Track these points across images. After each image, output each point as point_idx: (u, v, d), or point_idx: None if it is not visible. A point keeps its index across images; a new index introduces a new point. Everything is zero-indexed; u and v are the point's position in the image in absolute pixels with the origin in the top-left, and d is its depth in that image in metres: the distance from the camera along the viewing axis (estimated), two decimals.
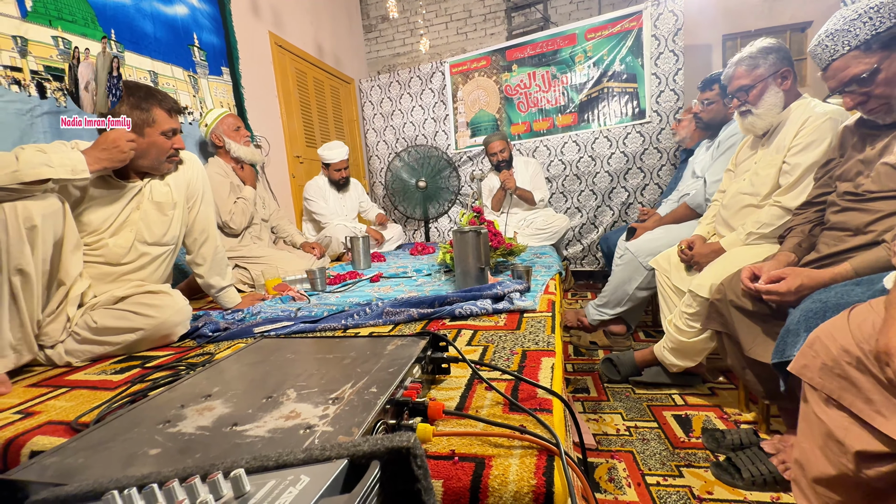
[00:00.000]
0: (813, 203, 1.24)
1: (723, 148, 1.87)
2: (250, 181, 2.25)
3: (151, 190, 1.34)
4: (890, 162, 0.99)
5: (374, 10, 4.74)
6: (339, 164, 2.82)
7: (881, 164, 1.01)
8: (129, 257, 1.30)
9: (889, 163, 0.99)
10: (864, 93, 0.98)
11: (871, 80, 0.95)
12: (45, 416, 0.83)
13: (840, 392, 0.74)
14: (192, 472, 0.34)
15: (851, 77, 0.98)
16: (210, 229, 1.49)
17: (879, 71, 0.94)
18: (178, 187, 1.40)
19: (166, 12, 2.24)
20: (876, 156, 1.03)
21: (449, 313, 1.24)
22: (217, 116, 2.19)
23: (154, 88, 1.31)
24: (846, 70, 0.98)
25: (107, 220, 1.26)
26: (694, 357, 1.47)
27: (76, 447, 0.54)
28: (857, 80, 0.97)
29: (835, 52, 0.99)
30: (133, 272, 1.31)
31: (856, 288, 0.88)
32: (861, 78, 0.96)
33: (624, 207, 3.27)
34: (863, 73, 0.95)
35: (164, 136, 1.28)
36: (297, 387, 0.66)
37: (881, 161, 1.01)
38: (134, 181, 1.31)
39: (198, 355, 1.12)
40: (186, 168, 1.43)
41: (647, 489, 1.10)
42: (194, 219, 1.46)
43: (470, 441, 0.61)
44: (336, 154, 2.79)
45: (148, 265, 1.35)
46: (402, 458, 0.35)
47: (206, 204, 1.48)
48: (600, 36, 3.14)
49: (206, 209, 1.48)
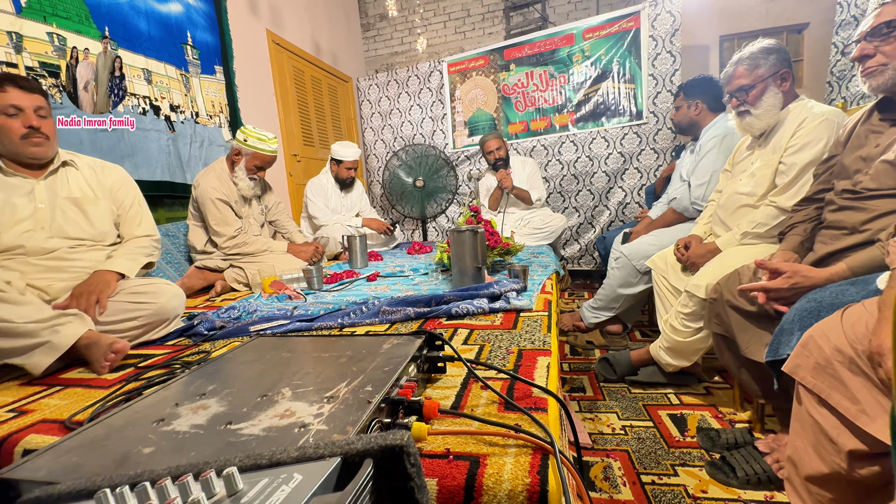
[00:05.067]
0: (813, 199, 1.23)
1: (703, 151, 1.89)
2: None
3: (59, 185, 1.31)
4: (889, 159, 0.99)
5: (372, 9, 4.73)
6: (351, 162, 2.81)
7: (880, 161, 1.01)
8: (50, 246, 1.27)
9: (888, 160, 0.99)
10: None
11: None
12: (39, 414, 0.82)
13: (829, 392, 0.75)
14: (184, 471, 0.34)
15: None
16: (134, 229, 1.46)
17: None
18: (101, 187, 1.39)
19: (160, 10, 2.23)
20: (877, 153, 1.03)
21: (445, 312, 1.24)
22: (263, 147, 2.07)
23: (3, 73, 1.28)
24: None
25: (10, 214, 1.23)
26: (689, 357, 1.48)
27: (69, 446, 0.54)
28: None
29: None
30: (67, 262, 1.29)
31: (850, 288, 0.88)
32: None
33: (621, 207, 3.28)
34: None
35: (4, 115, 1.19)
36: (293, 385, 0.66)
37: (880, 159, 1.02)
38: (27, 176, 1.27)
39: (193, 354, 1.12)
40: (106, 174, 1.42)
41: (642, 488, 1.10)
42: (125, 218, 1.45)
43: (465, 440, 0.61)
44: (351, 153, 2.79)
45: (81, 256, 1.31)
46: (396, 457, 0.35)
47: (133, 212, 1.47)
48: (598, 36, 3.15)
49: (134, 215, 1.47)
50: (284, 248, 2.24)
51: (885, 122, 1.06)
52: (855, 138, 1.13)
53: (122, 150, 1.98)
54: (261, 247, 2.12)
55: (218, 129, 2.58)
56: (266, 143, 2.08)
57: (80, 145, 1.78)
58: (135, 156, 2.04)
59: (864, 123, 1.12)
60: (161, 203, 2.25)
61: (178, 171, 2.27)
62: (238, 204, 2.12)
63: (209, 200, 1.99)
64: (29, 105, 1.22)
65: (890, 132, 1.03)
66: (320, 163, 3.58)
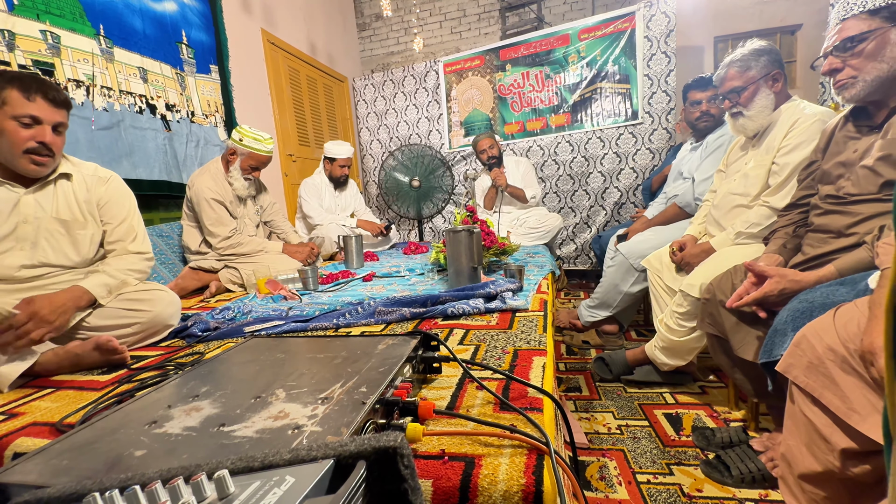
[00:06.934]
0: (796, 205, 1.26)
1: (711, 148, 1.89)
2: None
3: (47, 200, 1.18)
4: (868, 165, 1.01)
5: (367, 9, 4.72)
6: (344, 160, 2.81)
7: (860, 167, 1.03)
8: (24, 275, 1.14)
9: (867, 165, 1.01)
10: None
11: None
12: (30, 416, 0.81)
13: (821, 391, 0.75)
14: (175, 474, 0.33)
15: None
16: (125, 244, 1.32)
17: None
18: (89, 203, 1.25)
19: (155, 8, 2.22)
20: (856, 159, 1.05)
21: (441, 312, 1.24)
22: (258, 147, 2.04)
23: (33, 75, 1.13)
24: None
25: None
26: (685, 356, 1.48)
27: (60, 449, 0.53)
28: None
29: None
30: (37, 288, 1.15)
31: (840, 288, 0.89)
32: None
33: (617, 207, 3.29)
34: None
35: (18, 122, 1.06)
36: (287, 387, 0.66)
37: (860, 164, 1.03)
38: (15, 186, 1.13)
39: (187, 355, 1.11)
40: (98, 187, 1.27)
41: (638, 487, 1.11)
42: (113, 232, 1.30)
43: (460, 440, 0.61)
44: (344, 150, 2.79)
45: (59, 279, 1.19)
46: (389, 458, 0.34)
47: (126, 226, 1.32)
48: (593, 36, 3.16)
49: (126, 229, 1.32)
50: (279, 248, 2.23)
51: (860, 129, 1.09)
52: (834, 144, 1.15)
53: (120, 150, 1.96)
54: (256, 247, 2.11)
55: (213, 129, 2.57)
56: (262, 143, 2.07)
57: (77, 144, 1.77)
58: (132, 155, 2.02)
59: (842, 130, 1.14)
60: (158, 203, 2.24)
61: (174, 170, 2.26)
62: (233, 204, 2.11)
63: (204, 200, 1.98)
64: (49, 120, 1.10)
65: (866, 139, 1.06)
66: (316, 163, 3.56)
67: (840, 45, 1.02)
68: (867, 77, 1.00)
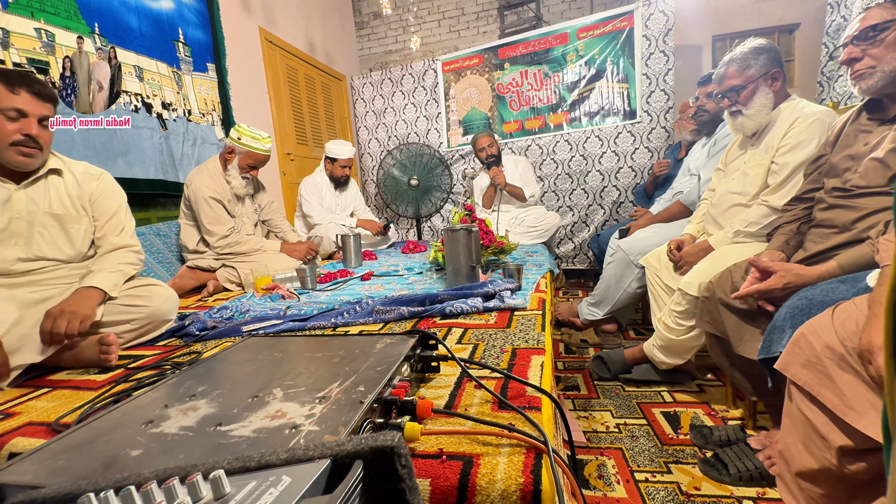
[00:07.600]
0: (802, 199, 1.25)
1: (719, 146, 1.89)
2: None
3: (40, 195, 1.19)
4: (878, 157, 1.00)
5: (366, 7, 4.70)
6: (345, 161, 2.80)
7: (869, 159, 1.03)
8: (20, 268, 1.16)
9: (877, 157, 1.01)
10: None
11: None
12: (26, 416, 0.81)
13: (819, 388, 0.75)
14: (171, 474, 0.33)
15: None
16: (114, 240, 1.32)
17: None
18: (81, 199, 1.26)
19: (151, 6, 2.21)
20: (866, 151, 1.05)
21: (439, 311, 1.23)
22: (257, 146, 2.04)
23: (18, 70, 1.12)
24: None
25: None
26: (683, 354, 1.49)
27: (56, 449, 0.53)
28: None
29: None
30: (34, 283, 1.18)
31: (840, 285, 0.89)
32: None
33: (615, 206, 3.29)
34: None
35: (3, 115, 1.07)
36: (284, 386, 0.66)
37: (870, 156, 1.03)
38: (6, 182, 1.15)
39: (184, 354, 1.11)
40: (89, 182, 1.29)
41: (636, 485, 1.11)
42: (103, 229, 1.31)
43: (458, 440, 0.61)
44: (346, 151, 2.78)
45: (54, 279, 1.21)
46: (387, 458, 0.34)
47: (115, 221, 1.33)
48: (592, 35, 3.15)
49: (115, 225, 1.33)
50: (277, 247, 2.22)
51: (873, 122, 1.08)
52: (844, 138, 1.14)
53: (116, 149, 1.95)
54: (254, 246, 2.10)
55: (210, 128, 2.56)
56: (260, 141, 2.06)
57: (72, 143, 1.76)
58: (128, 154, 2.01)
59: (853, 123, 1.13)
60: (155, 202, 2.23)
61: (170, 169, 2.25)
62: (231, 203, 2.10)
63: (202, 199, 1.97)
64: (35, 113, 1.11)
65: (878, 131, 1.05)
66: (314, 162, 3.56)
67: (861, 34, 1.01)
68: (886, 67, 0.99)
